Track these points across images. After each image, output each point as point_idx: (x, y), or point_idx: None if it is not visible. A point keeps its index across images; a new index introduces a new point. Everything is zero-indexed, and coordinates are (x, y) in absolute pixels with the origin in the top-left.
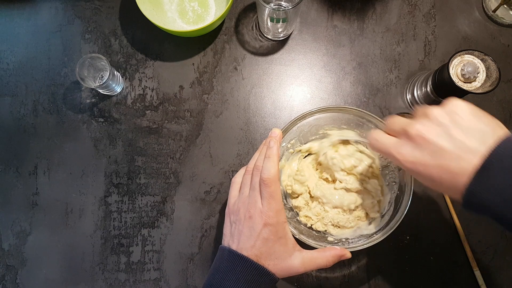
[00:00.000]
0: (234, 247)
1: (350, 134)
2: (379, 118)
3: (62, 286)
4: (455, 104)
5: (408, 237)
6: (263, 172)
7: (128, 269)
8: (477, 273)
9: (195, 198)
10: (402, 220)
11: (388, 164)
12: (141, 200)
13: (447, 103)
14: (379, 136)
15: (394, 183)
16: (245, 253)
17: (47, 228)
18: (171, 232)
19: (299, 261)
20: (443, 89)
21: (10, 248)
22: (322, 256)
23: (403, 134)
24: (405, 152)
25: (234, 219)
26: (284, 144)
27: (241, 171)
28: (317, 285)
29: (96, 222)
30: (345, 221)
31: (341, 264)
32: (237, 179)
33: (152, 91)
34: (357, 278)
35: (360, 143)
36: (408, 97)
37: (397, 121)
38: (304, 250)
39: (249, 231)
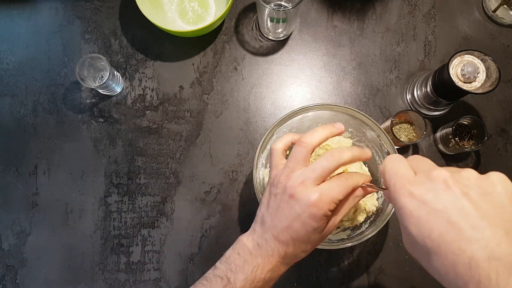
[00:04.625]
0: (268, 220)
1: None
2: (368, 116)
3: (62, 286)
4: (500, 179)
5: None
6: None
7: (128, 269)
8: None
9: (195, 198)
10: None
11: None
12: (141, 200)
13: (492, 174)
14: (397, 161)
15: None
16: (274, 232)
17: (47, 228)
18: (171, 232)
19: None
20: (443, 89)
21: (10, 248)
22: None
23: (424, 172)
24: (418, 189)
25: (274, 191)
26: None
27: (286, 138)
28: (317, 285)
29: (96, 222)
30: None
31: (341, 264)
32: (279, 145)
33: (152, 91)
34: (357, 278)
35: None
36: (408, 97)
37: (422, 161)
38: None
39: (289, 211)
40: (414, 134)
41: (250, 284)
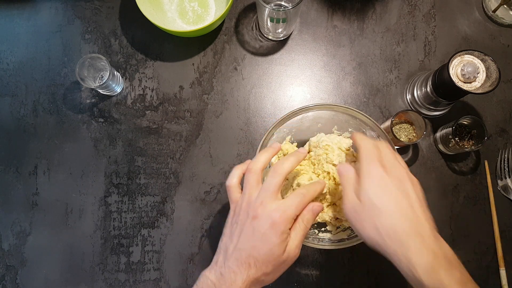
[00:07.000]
0: (231, 247)
1: None
2: (368, 116)
3: (62, 286)
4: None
5: None
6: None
7: (128, 269)
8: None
9: (195, 198)
10: None
11: None
12: (141, 200)
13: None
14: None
15: None
16: (238, 255)
17: (47, 228)
18: (171, 232)
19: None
20: (443, 89)
21: (10, 248)
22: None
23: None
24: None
25: (236, 220)
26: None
27: (236, 172)
28: (317, 285)
29: (96, 222)
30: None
31: (341, 264)
32: (233, 181)
33: (152, 91)
34: (357, 278)
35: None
36: (408, 97)
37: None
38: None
39: (253, 231)
40: (414, 134)
41: None
